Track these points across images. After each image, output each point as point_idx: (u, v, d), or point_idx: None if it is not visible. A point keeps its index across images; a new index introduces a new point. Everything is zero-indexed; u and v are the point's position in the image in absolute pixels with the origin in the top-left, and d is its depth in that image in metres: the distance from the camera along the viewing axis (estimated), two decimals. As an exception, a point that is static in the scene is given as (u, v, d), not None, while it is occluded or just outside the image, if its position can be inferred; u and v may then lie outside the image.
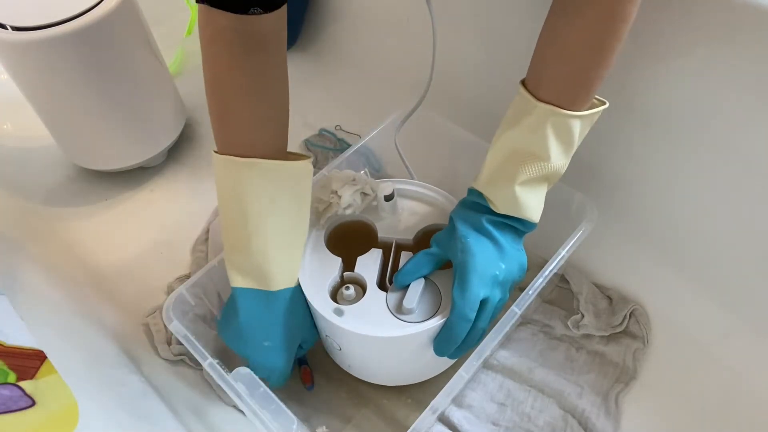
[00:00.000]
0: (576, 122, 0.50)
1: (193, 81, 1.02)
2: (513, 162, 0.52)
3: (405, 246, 0.60)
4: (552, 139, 0.50)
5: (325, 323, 0.55)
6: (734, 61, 0.54)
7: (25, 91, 0.77)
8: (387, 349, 0.55)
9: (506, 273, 0.53)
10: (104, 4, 0.71)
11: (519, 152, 0.52)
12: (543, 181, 0.53)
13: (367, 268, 0.58)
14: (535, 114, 0.50)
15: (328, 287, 0.57)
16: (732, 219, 0.62)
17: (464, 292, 0.51)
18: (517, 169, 0.52)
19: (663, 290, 0.68)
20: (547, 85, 0.50)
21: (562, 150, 0.51)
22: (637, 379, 0.64)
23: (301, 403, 0.64)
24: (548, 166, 0.51)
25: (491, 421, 0.61)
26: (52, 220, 0.84)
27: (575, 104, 0.50)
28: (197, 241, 0.80)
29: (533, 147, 0.51)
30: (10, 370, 0.48)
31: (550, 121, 0.50)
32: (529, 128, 0.51)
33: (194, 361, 0.67)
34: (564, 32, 0.48)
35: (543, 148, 0.51)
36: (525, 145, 0.51)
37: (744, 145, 0.58)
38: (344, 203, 0.60)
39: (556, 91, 0.49)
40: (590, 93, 0.50)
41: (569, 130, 0.50)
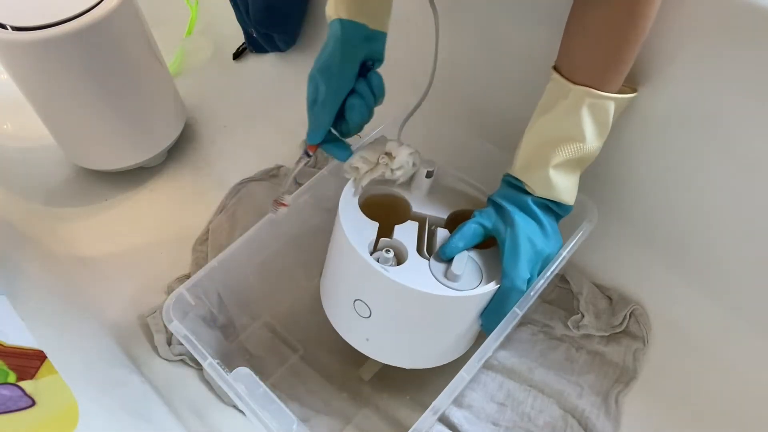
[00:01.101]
0: (610, 104, 0.52)
1: (193, 81, 1.02)
2: (549, 145, 0.54)
3: (439, 222, 0.60)
4: (588, 120, 0.53)
5: (368, 280, 0.54)
6: (735, 62, 0.54)
7: (25, 91, 0.77)
8: (428, 313, 0.54)
9: (550, 249, 0.56)
10: (104, 4, 0.71)
11: (555, 135, 0.54)
12: (577, 165, 0.56)
13: (405, 236, 0.57)
14: (571, 96, 0.52)
15: (367, 246, 0.56)
16: (732, 219, 0.62)
17: (517, 264, 0.53)
18: (554, 151, 0.54)
19: (663, 290, 0.68)
20: (580, 69, 0.52)
21: (597, 132, 0.54)
22: (637, 379, 0.64)
23: (301, 403, 0.64)
24: (584, 147, 0.54)
25: (491, 421, 0.61)
26: (52, 220, 0.84)
27: (608, 86, 0.52)
28: (197, 241, 0.80)
29: (570, 129, 0.53)
30: (10, 370, 0.48)
31: (586, 103, 0.52)
32: (564, 111, 0.53)
33: (194, 361, 0.67)
34: (591, 19, 0.51)
35: (579, 130, 0.53)
36: (561, 128, 0.54)
37: (744, 145, 0.58)
38: (397, 164, 0.58)
39: (589, 74, 0.52)
40: (621, 75, 0.52)
41: (605, 111, 0.53)
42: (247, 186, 0.85)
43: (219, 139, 0.94)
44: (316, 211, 0.68)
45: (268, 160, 0.88)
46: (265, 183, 0.85)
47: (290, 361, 0.68)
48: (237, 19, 0.99)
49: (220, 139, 0.94)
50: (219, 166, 0.90)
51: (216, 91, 1.01)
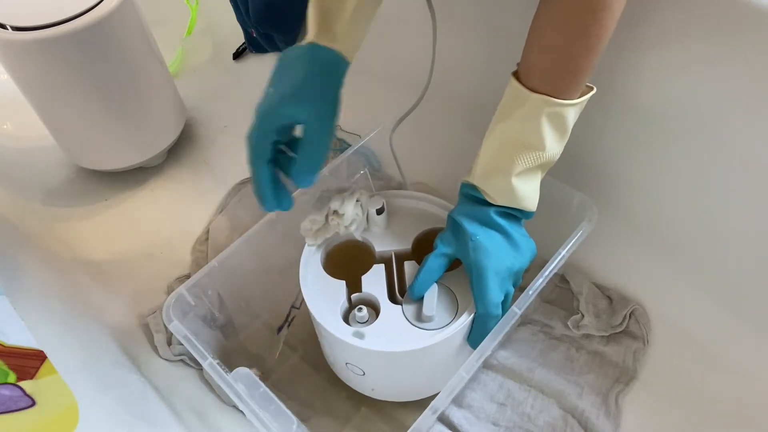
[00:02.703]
0: (569, 110, 0.50)
1: (193, 81, 1.02)
2: (508, 153, 0.52)
3: (404, 255, 0.60)
4: (547, 128, 0.50)
5: (347, 349, 0.54)
6: (735, 61, 0.54)
7: (25, 91, 0.77)
8: (418, 361, 0.55)
9: (520, 262, 0.55)
10: (104, 4, 0.71)
11: (513, 143, 0.52)
12: (537, 170, 0.54)
13: (373, 285, 0.57)
14: (528, 105, 0.50)
15: (339, 313, 0.56)
16: (732, 219, 0.62)
17: (486, 291, 0.52)
18: (513, 160, 0.52)
19: (663, 290, 0.68)
20: (538, 76, 0.50)
21: (556, 138, 0.52)
22: (637, 379, 0.64)
23: (301, 403, 0.64)
24: (543, 155, 0.52)
25: (491, 421, 0.61)
26: (52, 220, 0.84)
27: (567, 93, 0.50)
28: (197, 241, 0.80)
29: (528, 137, 0.51)
30: (10, 370, 0.48)
31: (543, 112, 0.50)
32: (522, 119, 0.51)
33: (194, 361, 0.67)
34: (546, 22, 0.48)
35: (538, 138, 0.51)
36: (519, 136, 0.51)
37: (744, 144, 0.58)
38: (348, 220, 0.57)
39: (546, 81, 0.49)
40: (580, 81, 0.50)
41: (563, 119, 0.51)
42: (247, 186, 0.85)
43: (219, 139, 0.94)
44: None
45: (268, 160, 0.88)
46: (265, 183, 0.85)
47: (290, 361, 0.68)
48: (237, 19, 0.99)
49: (220, 139, 0.94)
50: (219, 166, 0.90)
51: (216, 91, 1.01)
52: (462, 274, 0.57)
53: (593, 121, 0.68)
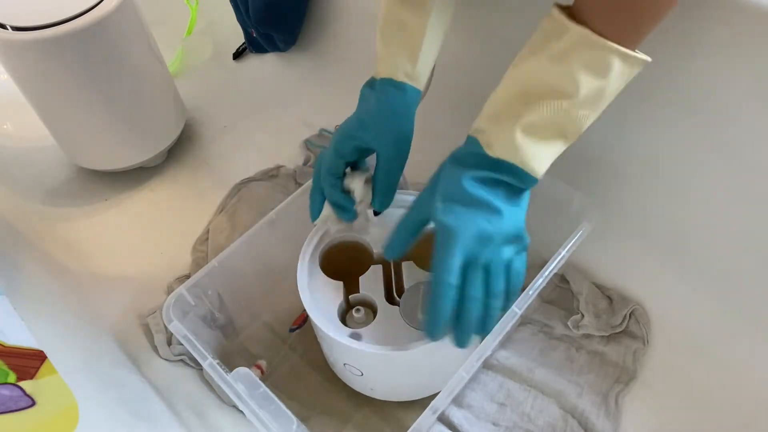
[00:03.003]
0: (615, 58, 0.41)
1: (193, 81, 1.02)
2: (527, 96, 0.43)
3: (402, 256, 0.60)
4: (582, 72, 0.41)
5: (344, 350, 0.54)
6: (734, 61, 0.54)
7: (25, 91, 0.77)
8: (416, 362, 0.55)
9: (496, 228, 0.44)
10: (104, 4, 0.71)
11: (537, 85, 0.43)
12: (558, 135, 0.44)
13: (371, 286, 0.57)
14: (566, 39, 0.41)
15: (336, 314, 0.56)
16: (733, 219, 0.62)
17: (438, 254, 0.44)
18: (532, 105, 0.43)
19: (663, 290, 0.68)
20: (584, 5, 0.41)
21: (592, 91, 0.42)
22: (637, 379, 0.64)
23: (301, 403, 0.64)
24: (570, 108, 0.42)
25: (491, 421, 0.61)
26: (52, 220, 0.84)
27: (617, 35, 0.40)
28: (197, 241, 0.80)
29: (557, 79, 0.42)
30: (10, 370, 0.48)
31: (583, 50, 0.41)
32: (554, 56, 0.42)
33: (194, 361, 0.67)
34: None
35: (569, 81, 0.41)
36: (547, 77, 0.42)
37: (746, 145, 0.58)
38: (357, 197, 0.56)
39: (593, 13, 0.40)
40: (636, 24, 0.41)
41: (606, 66, 0.41)
42: (247, 186, 0.85)
43: (219, 139, 0.94)
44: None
45: (268, 160, 0.88)
46: (265, 183, 0.85)
47: (290, 361, 0.68)
48: (237, 19, 0.99)
49: (220, 139, 0.94)
50: (219, 166, 0.90)
51: (216, 91, 1.01)
52: None
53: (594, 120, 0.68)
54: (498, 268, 0.45)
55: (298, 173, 0.85)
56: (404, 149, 0.53)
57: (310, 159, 0.87)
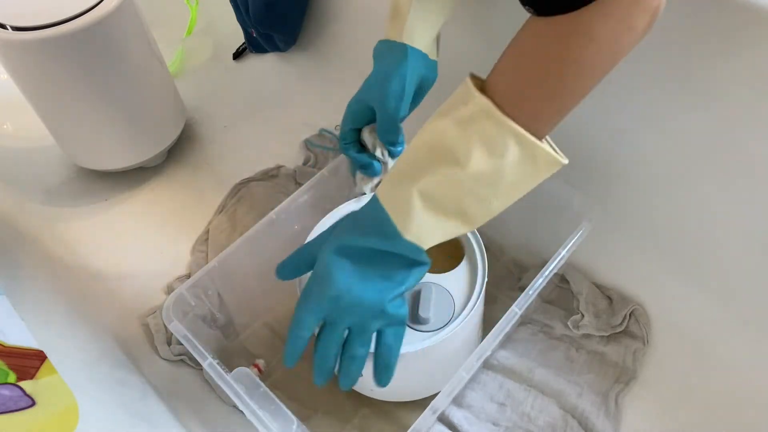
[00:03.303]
0: (511, 139, 0.40)
1: (193, 81, 1.02)
2: (429, 159, 0.43)
3: None
4: (477, 143, 0.40)
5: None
6: (734, 61, 0.54)
7: (25, 91, 0.77)
8: (415, 362, 0.54)
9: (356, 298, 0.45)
10: (104, 4, 0.71)
11: (438, 148, 0.42)
12: (457, 212, 0.43)
13: None
14: (469, 106, 0.41)
15: None
16: (733, 219, 0.62)
17: (298, 303, 0.48)
18: (431, 168, 0.42)
19: (663, 290, 0.68)
20: (496, 82, 0.41)
21: (486, 168, 0.41)
22: (637, 379, 0.64)
23: (301, 403, 0.64)
24: (466, 180, 0.41)
25: (491, 421, 0.61)
26: (52, 220, 0.84)
27: (519, 116, 0.40)
28: (197, 241, 0.80)
29: (454, 145, 0.41)
30: (10, 370, 0.48)
31: (481, 121, 0.40)
32: (457, 121, 0.41)
33: (194, 361, 0.67)
34: (524, 30, 0.40)
35: (464, 150, 0.41)
36: (447, 141, 0.42)
37: (745, 144, 0.58)
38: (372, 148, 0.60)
39: (499, 88, 0.40)
40: (541, 108, 0.40)
41: (502, 144, 0.40)
42: (247, 186, 0.85)
43: (219, 139, 0.94)
44: (315, 211, 0.68)
45: (268, 160, 0.88)
46: (265, 183, 0.85)
47: (290, 361, 0.68)
48: (237, 19, 0.99)
49: (220, 139, 0.94)
50: (219, 166, 0.90)
51: (216, 91, 1.01)
52: (458, 275, 0.57)
53: (593, 120, 0.68)
54: (356, 335, 0.47)
55: (298, 173, 0.85)
56: (399, 101, 0.55)
57: (310, 159, 0.87)
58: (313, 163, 0.87)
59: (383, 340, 0.48)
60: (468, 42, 0.77)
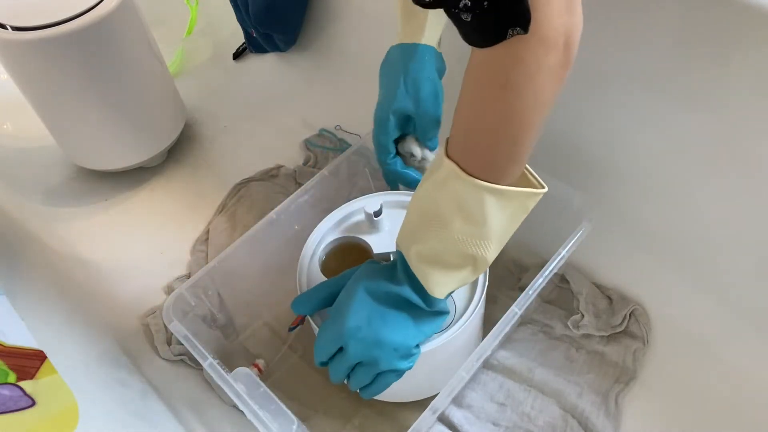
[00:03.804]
0: (485, 195, 0.41)
1: (193, 81, 1.02)
2: (422, 221, 0.45)
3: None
4: (455, 203, 0.42)
5: None
6: (734, 61, 0.54)
7: (25, 91, 0.77)
8: (416, 365, 0.54)
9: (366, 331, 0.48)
10: (104, 4, 0.71)
11: (427, 211, 0.45)
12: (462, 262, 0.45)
13: None
14: (442, 170, 0.42)
15: None
16: (733, 219, 0.62)
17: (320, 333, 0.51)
18: (425, 229, 0.45)
19: (663, 290, 0.68)
20: (454, 140, 0.42)
21: (469, 222, 0.42)
22: (637, 379, 0.64)
23: (301, 403, 0.64)
24: (452, 236, 0.43)
25: (491, 421, 0.61)
26: (52, 220, 0.84)
27: (481, 171, 0.41)
28: (197, 241, 0.80)
29: (437, 206, 0.43)
30: (10, 370, 0.48)
31: (454, 182, 0.42)
32: (435, 184, 0.43)
33: (194, 361, 0.67)
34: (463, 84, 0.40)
35: (446, 209, 0.43)
36: (431, 204, 0.44)
37: (746, 144, 0.58)
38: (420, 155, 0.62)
39: (456, 150, 0.42)
40: (497, 162, 0.41)
41: (479, 200, 0.41)
42: (247, 186, 0.85)
43: (219, 139, 0.94)
44: (315, 211, 0.68)
45: (268, 160, 0.88)
46: (265, 183, 0.85)
47: (290, 361, 0.68)
48: (237, 19, 0.99)
49: (220, 139, 0.94)
50: (219, 166, 0.90)
51: (216, 91, 1.01)
52: None
53: (594, 120, 0.68)
54: (365, 370, 0.50)
55: (298, 173, 0.85)
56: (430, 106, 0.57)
57: (310, 159, 0.87)
58: (313, 163, 0.87)
59: (384, 379, 0.50)
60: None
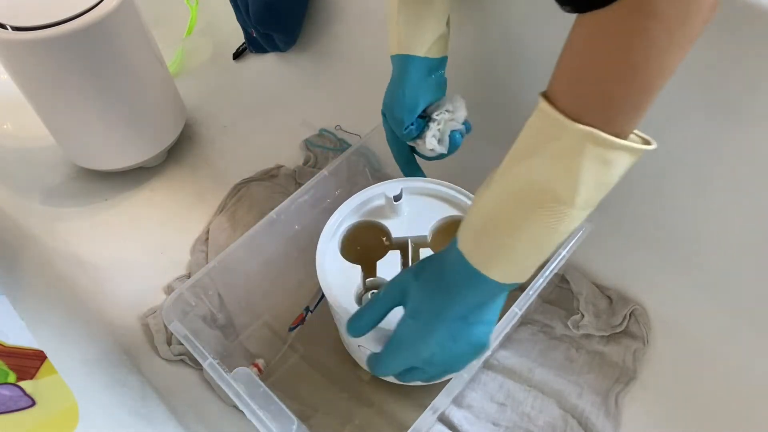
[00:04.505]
0: (623, 156, 0.37)
1: (193, 81, 1.02)
2: (521, 204, 0.39)
3: (421, 243, 0.60)
4: (587, 176, 0.37)
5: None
6: (734, 61, 0.54)
7: (25, 91, 0.77)
8: None
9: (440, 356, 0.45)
10: (104, 4, 0.71)
11: (533, 190, 0.38)
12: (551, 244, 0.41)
13: (388, 270, 0.57)
14: (566, 139, 0.37)
15: (353, 297, 0.56)
16: (732, 219, 0.62)
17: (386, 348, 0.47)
18: (526, 214, 0.39)
19: (663, 290, 0.68)
20: (579, 98, 0.37)
21: (592, 195, 0.39)
22: (637, 379, 0.64)
23: (301, 403, 0.64)
24: (568, 214, 0.39)
25: (491, 421, 0.61)
26: (52, 220, 0.84)
27: (614, 125, 0.36)
28: (197, 241, 0.80)
29: (555, 183, 0.38)
30: (10, 370, 0.48)
31: (586, 150, 0.36)
32: (554, 157, 0.37)
33: (194, 361, 0.67)
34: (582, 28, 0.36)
35: (568, 186, 0.37)
36: (544, 180, 0.38)
37: (745, 144, 0.58)
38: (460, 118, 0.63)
39: (590, 107, 0.36)
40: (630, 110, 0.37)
41: (612, 166, 0.37)
42: (247, 186, 0.85)
43: (219, 139, 0.94)
44: (315, 211, 0.68)
45: (268, 160, 0.88)
46: (265, 183, 0.85)
47: (290, 361, 0.68)
48: (237, 19, 0.99)
49: (220, 139, 0.94)
50: (219, 166, 0.90)
51: (216, 91, 1.01)
52: None
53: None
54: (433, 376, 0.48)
55: (298, 173, 0.85)
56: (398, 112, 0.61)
57: (310, 159, 0.88)
58: (313, 163, 0.87)
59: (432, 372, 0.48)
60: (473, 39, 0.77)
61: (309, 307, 0.70)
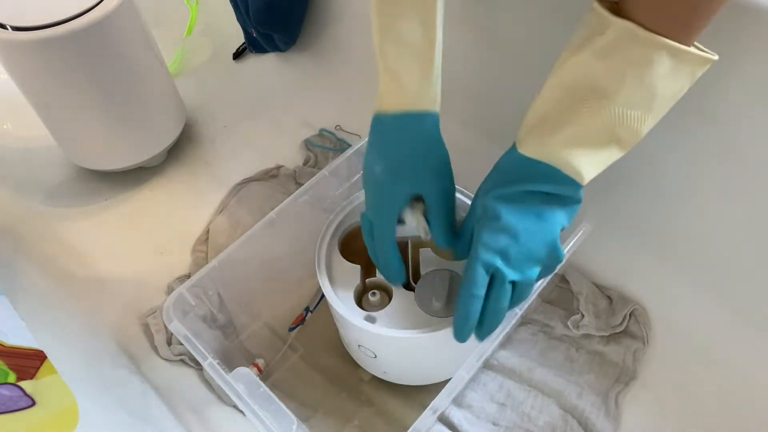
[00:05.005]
0: (663, 54, 0.37)
1: (193, 81, 1.02)
2: (570, 99, 0.41)
3: (420, 243, 0.59)
4: (627, 69, 0.38)
5: (358, 332, 0.55)
6: (734, 61, 0.54)
7: (25, 91, 0.77)
8: (428, 347, 0.55)
9: (518, 249, 0.43)
10: (104, 4, 0.71)
11: (580, 86, 0.40)
12: (610, 140, 0.41)
13: None
14: (610, 34, 0.38)
15: (353, 297, 0.56)
16: (732, 219, 0.62)
17: (468, 266, 0.45)
18: (575, 110, 0.40)
19: (663, 290, 0.68)
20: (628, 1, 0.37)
21: (639, 90, 0.39)
22: (637, 379, 0.64)
23: (301, 403, 0.64)
24: (618, 108, 0.39)
25: (491, 421, 0.61)
26: (52, 220, 0.84)
27: (666, 29, 0.37)
28: (197, 241, 0.80)
29: (600, 78, 0.39)
30: (10, 370, 0.48)
31: (627, 45, 0.38)
32: (597, 53, 0.39)
33: (194, 361, 0.67)
34: None
35: (613, 80, 0.39)
36: (589, 76, 0.40)
37: (746, 146, 0.58)
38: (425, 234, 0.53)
39: (638, 5, 0.37)
40: (689, 17, 0.37)
41: (653, 62, 0.38)
42: (247, 186, 0.85)
43: (219, 139, 0.94)
44: (315, 211, 0.68)
45: (268, 160, 0.88)
46: (265, 183, 0.85)
47: (290, 361, 0.68)
48: (237, 19, 0.99)
49: (220, 139, 0.94)
50: (219, 166, 0.90)
51: (216, 91, 1.01)
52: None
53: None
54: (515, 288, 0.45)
55: (298, 173, 0.86)
56: (448, 181, 0.51)
57: (310, 159, 0.88)
58: (313, 163, 0.87)
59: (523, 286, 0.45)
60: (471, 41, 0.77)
61: (309, 307, 0.70)
